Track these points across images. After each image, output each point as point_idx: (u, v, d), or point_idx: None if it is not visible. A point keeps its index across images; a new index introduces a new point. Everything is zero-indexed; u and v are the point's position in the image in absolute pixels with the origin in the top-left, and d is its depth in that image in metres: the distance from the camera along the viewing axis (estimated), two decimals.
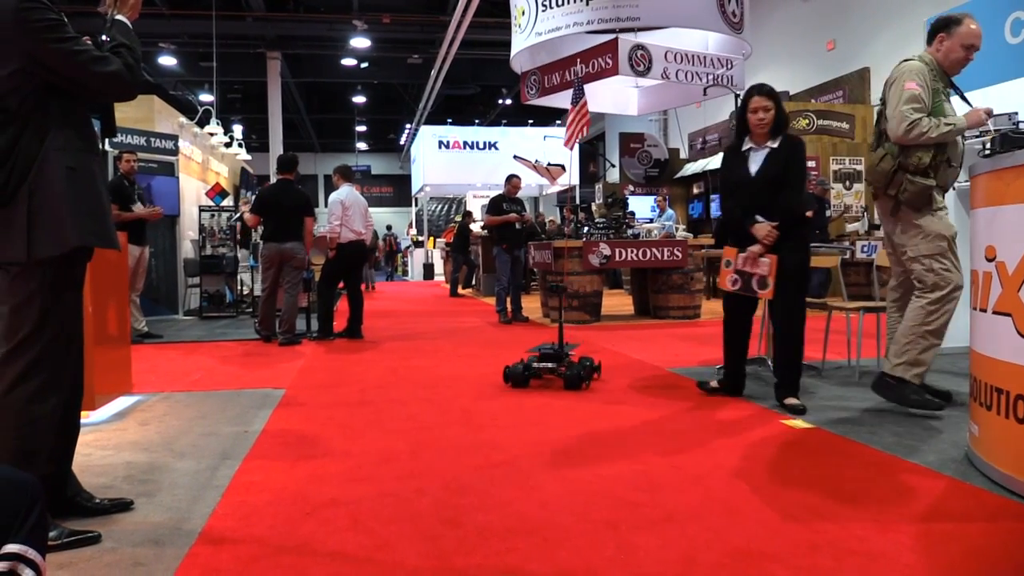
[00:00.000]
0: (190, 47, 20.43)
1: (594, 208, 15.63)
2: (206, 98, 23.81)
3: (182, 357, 6.70)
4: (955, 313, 3.92)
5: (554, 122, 23.67)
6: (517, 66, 12.40)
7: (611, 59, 10.36)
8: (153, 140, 10.15)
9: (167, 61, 21.72)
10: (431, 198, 27.15)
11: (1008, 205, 2.78)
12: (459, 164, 21.95)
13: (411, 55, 22.50)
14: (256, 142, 29.23)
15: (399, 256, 29.08)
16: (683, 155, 17.87)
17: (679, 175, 17.37)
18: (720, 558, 2.18)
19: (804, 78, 14.59)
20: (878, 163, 4.02)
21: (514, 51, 11.85)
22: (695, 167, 16.84)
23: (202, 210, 10.87)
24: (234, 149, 15.67)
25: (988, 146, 4.06)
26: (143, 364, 5.81)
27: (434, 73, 21.02)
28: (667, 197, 15.76)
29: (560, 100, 11.48)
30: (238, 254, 10.80)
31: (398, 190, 38.32)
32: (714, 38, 11.43)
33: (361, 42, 20.55)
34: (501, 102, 27.94)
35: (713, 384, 4.52)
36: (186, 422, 4.08)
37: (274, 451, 3.47)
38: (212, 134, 13.65)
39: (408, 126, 30.63)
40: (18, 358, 2.32)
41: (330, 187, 10.42)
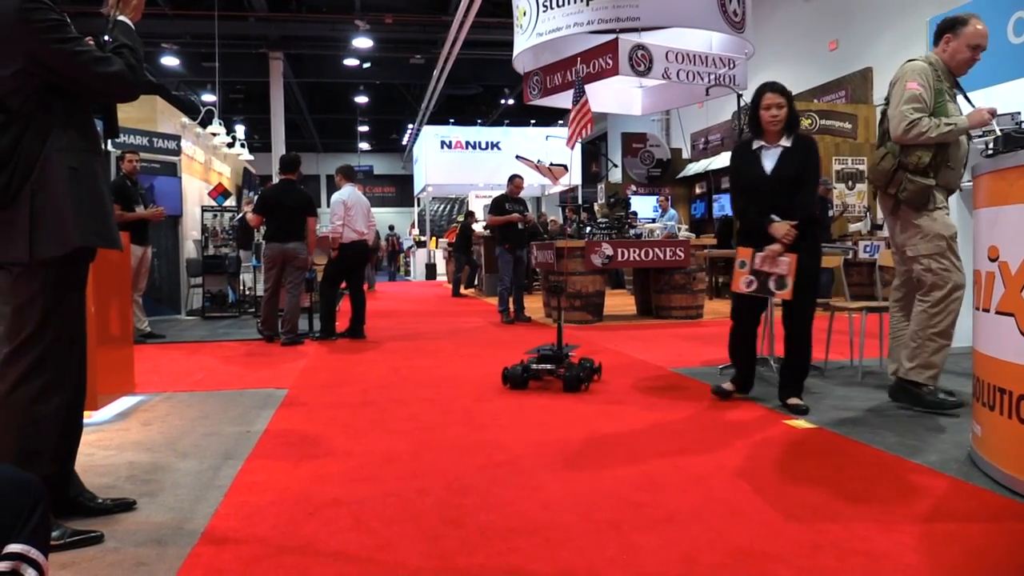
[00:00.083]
0: (192, 47, 20.46)
1: (596, 208, 15.63)
2: (208, 98, 23.82)
3: (184, 357, 6.71)
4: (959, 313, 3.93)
5: (556, 122, 23.66)
6: (520, 66, 12.41)
7: (611, 59, 10.36)
8: (156, 140, 10.16)
9: (169, 61, 21.76)
10: (433, 198, 27.12)
11: (1011, 205, 2.78)
12: (461, 164, 21.93)
13: (413, 55, 22.52)
14: (258, 142, 29.26)
15: (401, 256, 29.09)
16: (685, 155, 17.88)
17: (681, 175, 17.38)
18: (722, 558, 2.18)
19: (806, 78, 14.58)
20: (879, 162, 4.04)
21: (516, 51, 11.86)
22: (697, 167, 16.85)
23: (204, 210, 10.90)
24: (236, 149, 15.70)
25: (991, 146, 4.05)
26: (146, 364, 5.81)
27: (436, 73, 21.03)
28: (669, 197, 15.76)
29: (562, 100, 11.48)
30: (240, 254, 10.81)
31: (400, 190, 38.31)
32: (717, 38, 11.42)
33: (363, 42, 20.58)
34: (503, 102, 27.95)
35: (727, 387, 4.41)
36: (189, 422, 4.08)
37: (276, 451, 3.48)
38: (214, 134, 13.67)
39: (410, 126, 30.63)
40: (21, 358, 2.32)
41: (332, 187, 10.43)
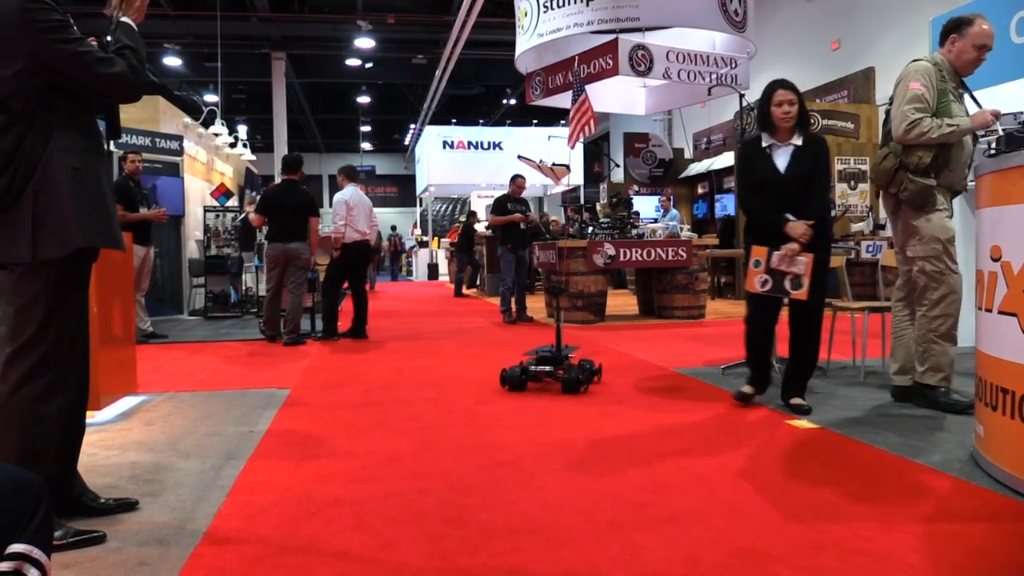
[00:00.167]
0: (195, 48, 20.48)
1: (599, 208, 15.61)
2: (211, 98, 23.83)
3: (187, 357, 6.72)
4: (960, 313, 3.92)
5: (558, 122, 23.64)
6: (522, 67, 12.41)
7: (611, 59, 10.35)
8: (158, 140, 10.17)
9: (172, 62, 21.79)
10: (435, 198, 27.11)
11: (1013, 205, 2.77)
12: (463, 164, 21.93)
13: (415, 55, 22.54)
14: (261, 142, 29.29)
15: (403, 256, 29.09)
16: (688, 155, 17.87)
17: (684, 175, 17.36)
18: (724, 558, 2.18)
19: (809, 78, 14.53)
20: (881, 161, 4.05)
21: (518, 52, 11.86)
22: (700, 167, 16.84)
23: (207, 210, 10.91)
24: (239, 149, 15.71)
25: (993, 146, 4.05)
26: (148, 364, 5.82)
27: (438, 73, 21.04)
28: (671, 197, 15.74)
29: (565, 100, 11.46)
30: (243, 254, 10.82)
31: (402, 190, 38.32)
32: (721, 37, 11.40)
33: (365, 42, 20.59)
34: (505, 102, 27.96)
35: (747, 390, 4.22)
36: (191, 422, 4.09)
37: (279, 451, 3.48)
38: (217, 134, 13.68)
39: (412, 126, 30.63)
40: (23, 358, 2.32)
41: (335, 187, 10.43)
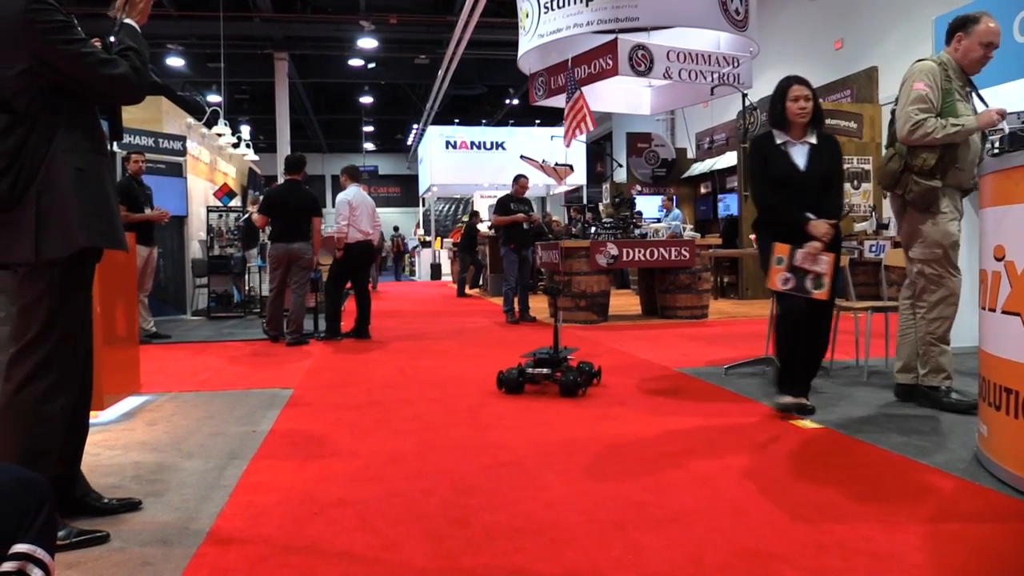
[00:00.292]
0: (198, 48, 20.50)
1: (601, 208, 15.60)
2: (214, 99, 23.83)
3: (190, 357, 6.72)
4: (963, 313, 3.92)
5: (561, 122, 23.60)
6: (525, 67, 12.41)
7: (611, 59, 10.33)
8: (161, 141, 10.18)
9: (175, 62, 21.82)
10: (438, 198, 27.12)
11: (1017, 204, 2.77)
12: (466, 164, 21.94)
13: (418, 55, 22.54)
14: (264, 143, 29.32)
15: (406, 256, 29.10)
16: (690, 155, 17.86)
17: (686, 175, 17.36)
18: (728, 558, 2.18)
19: (811, 77, 14.33)
20: (887, 163, 4.04)
21: (520, 52, 11.86)
22: (702, 167, 16.83)
23: (210, 211, 10.92)
24: (242, 150, 15.72)
25: (996, 145, 4.04)
26: (151, 364, 5.83)
27: (441, 73, 21.04)
28: (674, 197, 15.73)
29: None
30: (245, 253, 10.84)
31: (405, 190, 38.35)
32: (725, 37, 11.38)
33: (368, 43, 20.60)
34: (508, 102, 27.94)
35: (787, 401, 3.94)
36: (194, 422, 4.09)
37: (282, 451, 3.48)
38: (220, 135, 13.69)
39: (415, 126, 30.65)
40: (27, 358, 2.33)
41: (337, 187, 10.46)
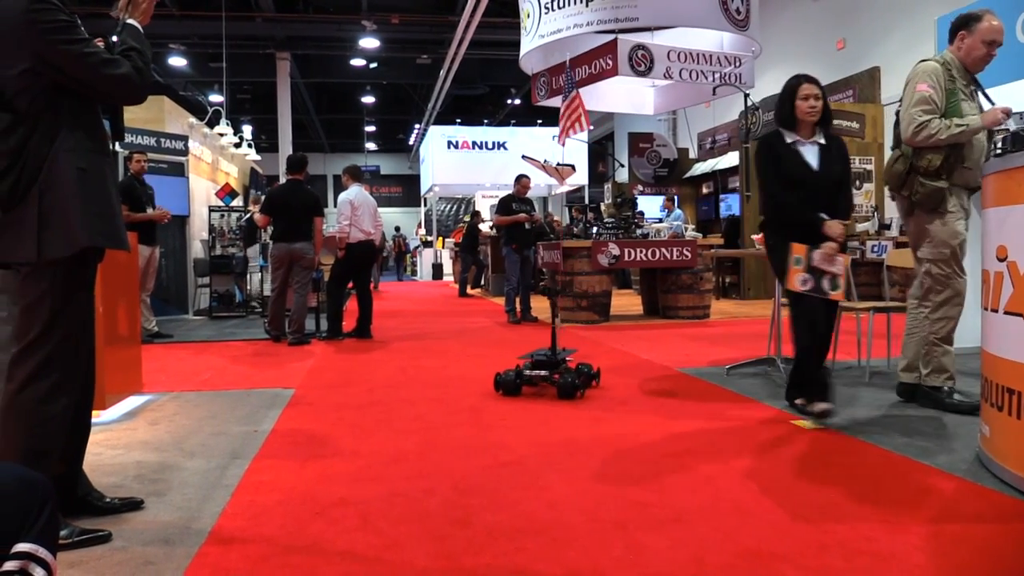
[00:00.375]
0: (200, 48, 20.51)
1: (603, 208, 15.60)
2: (216, 99, 23.88)
3: (192, 357, 6.73)
4: (965, 314, 3.91)
5: None
6: (527, 67, 12.40)
7: (611, 60, 10.31)
8: (163, 141, 10.19)
9: (177, 62, 21.84)
10: (440, 198, 27.14)
11: (1020, 205, 2.76)
12: (468, 164, 21.94)
13: (420, 55, 22.53)
14: (265, 142, 29.33)
15: (408, 256, 29.11)
16: (692, 155, 17.84)
17: (688, 175, 17.35)
18: (730, 559, 2.17)
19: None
20: (893, 164, 4.03)
21: (522, 53, 11.85)
22: (704, 167, 16.82)
23: (212, 210, 10.93)
24: (244, 149, 15.74)
25: (999, 145, 4.03)
26: (153, 364, 5.83)
27: (443, 73, 21.04)
28: (675, 198, 15.71)
29: None
30: (247, 254, 10.85)
31: (407, 190, 38.38)
32: (729, 37, 11.35)
33: (370, 42, 20.60)
34: (510, 102, 27.93)
35: (821, 407, 3.74)
36: (196, 422, 4.10)
37: (283, 451, 3.49)
38: (222, 134, 13.71)
39: (417, 126, 30.66)
40: (29, 358, 2.33)
41: (339, 187, 10.46)
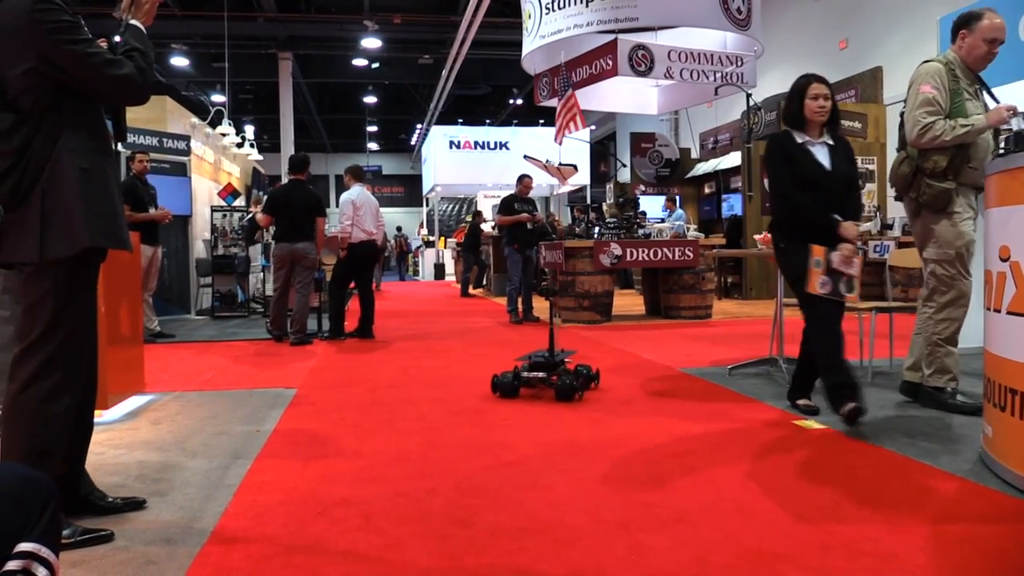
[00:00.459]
0: (202, 48, 20.53)
1: (605, 208, 15.58)
2: (218, 99, 23.90)
3: (194, 356, 6.74)
4: (968, 315, 3.90)
5: None
6: (529, 67, 12.41)
7: (611, 60, 10.30)
8: (165, 140, 10.19)
9: (179, 62, 21.83)
10: (442, 198, 27.15)
11: (1023, 205, 2.76)
12: (470, 164, 21.95)
13: (422, 55, 22.53)
14: (268, 142, 29.32)
15: (410, 256, 29.11)
16: (694, 155, 17.84)
17: (690, 175, 17.34)
18: (732, 559, 2.17)
19: None
20: (898, 166, 4.03)
21: (524, 53, 11.86)
22: (706, 167, 16.80)
23: (214, 210, 10.93)
24: (246, 149, 15.74)
25: (1002, 145, 4.02)
26: (155, 363, 5.84)
27: (445, 73, 21.05)
28: (677, 198, 15.69)
29: None
30: (249, 253, 10.85)
31: (409, 190, 38.40)
32: (732, 37, 11.35)
33: (372, 42, 20.60)
34: (512, 102, 27.91)
35: (850, 407, 3.52)
36: (198, 421, 4.10)
37: (285, 450, 3.49)
38: (224, 134, 13.72)
39: (419, 126, 30.66)
40: (31, 358, 2.33)
41: (341, 187, 10.45)
